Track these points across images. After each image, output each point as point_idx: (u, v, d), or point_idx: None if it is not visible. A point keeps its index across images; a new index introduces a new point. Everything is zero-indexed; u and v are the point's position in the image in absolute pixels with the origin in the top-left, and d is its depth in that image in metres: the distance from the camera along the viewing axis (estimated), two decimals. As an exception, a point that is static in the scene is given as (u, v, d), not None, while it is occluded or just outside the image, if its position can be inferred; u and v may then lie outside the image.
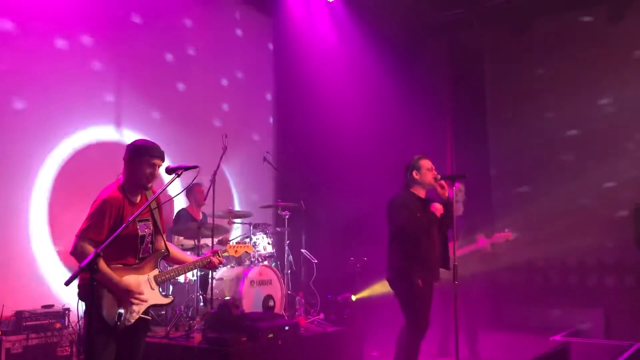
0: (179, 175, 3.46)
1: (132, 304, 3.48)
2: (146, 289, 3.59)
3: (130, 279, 3.52)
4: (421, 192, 4.99)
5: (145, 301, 3.55)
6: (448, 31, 9.54)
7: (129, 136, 6.86)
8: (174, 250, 3.94)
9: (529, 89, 9.35)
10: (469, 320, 6.32)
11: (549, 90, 9.18)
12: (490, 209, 9.05)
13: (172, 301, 3.87)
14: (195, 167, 3.54)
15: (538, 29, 9.03)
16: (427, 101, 9.12)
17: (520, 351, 6.84)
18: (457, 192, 6.41)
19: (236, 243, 4.37)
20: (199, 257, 4.04)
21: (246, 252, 4.53)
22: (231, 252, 4.22)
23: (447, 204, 4.90)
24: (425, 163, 4.98)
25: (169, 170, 3.52)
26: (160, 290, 3.72)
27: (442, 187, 4.89)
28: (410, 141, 7.97)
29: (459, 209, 6.41)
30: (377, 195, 5.87)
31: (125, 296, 3.45)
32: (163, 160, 3.65)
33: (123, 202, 3.52)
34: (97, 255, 2.86)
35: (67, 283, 2.91)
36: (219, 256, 3.99)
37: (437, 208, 4.82)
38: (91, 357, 3.19)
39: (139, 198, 3.66)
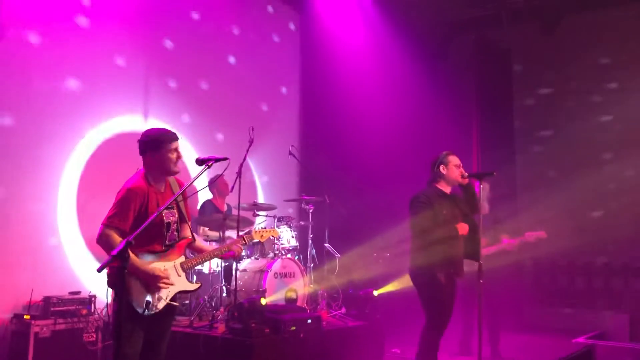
0: (209, 167, 3.49)
1: (160, 290, 3.53)
2: (173, 275, 3.64)
3: (157, 266, 3.56)
4: (446, 188, 4.97)
5: (173, 285, 3.60)
6: (476, 28, 9.46)
7: (157, 126, 6.91)
8: (198, 240, 3.97)
9: (557, 87, 9.23)
10: (491, 320, 6.27)
11: (577, 89, 9.04)
12: (515, 208, 8.96)
13: (199, 287, 3.92)
14: (225, 158, 3.56)
15: (568, 27, 8.88)
16: (454, 98, 9.07)
17: (543, 352, 6.78)
18: (482, 190, 6.38)
19: (261, 228, 4.39)
20: (223, 245, 4.07)
21: (272, 237, 4.53)
22: (257, 237, 4.24)
23: (468, 189, 4.89)
24: (453, 159, 4.95)
25: (199, 162, 3.55)
26: (187, 276, 3.77)
27: (462, 176, 4.90)
28: (437, 137, 7.95)
29: (485, 207, 6.37)
30: (401, 191, 5.85)
31: (153, 282, 3.50)
32: (178, 139, 3.71)
33: (148, 191, 3.57)
34: (128, 244, 2.89)
35: (100, 270, 2.95)
36: (245, 241, 4.04)
37: (463, 228, 4.80)
38: (120, 343, 3.24)
39: (163, 187, 3.71)
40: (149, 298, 3.48)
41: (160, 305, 3.55)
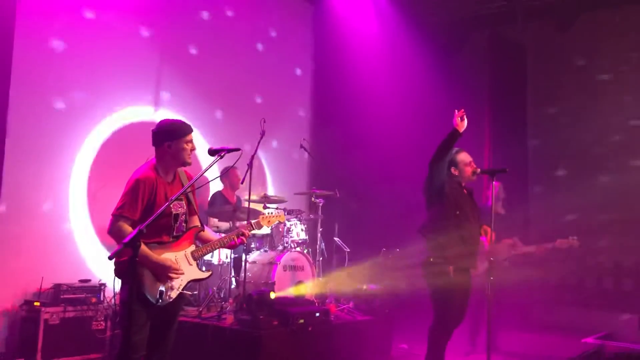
0: (222, 157, 3.48)
1: (172, 280, 3.54)
2: (184, 264, 3.65)
3: (168, 256, 3.57)
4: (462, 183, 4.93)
5: (184, 275, 3.61)
6: (491, 24, 9.37)
7: (167, 117, 6.91)
8: (206, 231, 3.95)
9: (571, 85, 9.14)
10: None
11: (592, 87, 8.95)
12: (526, 208, 8.89)
13: (211, 275, 3.92)
14: (237, 149, 3.53)
15: (583, 25, 8.78)
16: (468, 93, 8.96)
17: (552, 351, 6.74)
18: (493, 189, 6.32)
19: (268, 214, 4.33)
20: (232, 232, 4.02)
21: (279, 222, 4.47)
22: (264, 223, 4.19)
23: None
24: (464, 157, 4.87)
25: (211, 152, 3.54)
26: (198, 265, 3.77)
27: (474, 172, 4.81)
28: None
29: (499, 208, 6.30)
30: (412, 186, 5.82)
31: (164, 272, 3.50)
32: (192, 130, 3.73)
33: (156, 182, 3.57)
34: (140, 232, 2.89)
35: (111, 257, 2.96)
36: (253, 227, 4.04)
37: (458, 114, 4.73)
38: (128, 332, 3.25)
39: (172, 178, 3.70)
40: (162, 288, 3.49)
41: (174, 294, 3.57)
